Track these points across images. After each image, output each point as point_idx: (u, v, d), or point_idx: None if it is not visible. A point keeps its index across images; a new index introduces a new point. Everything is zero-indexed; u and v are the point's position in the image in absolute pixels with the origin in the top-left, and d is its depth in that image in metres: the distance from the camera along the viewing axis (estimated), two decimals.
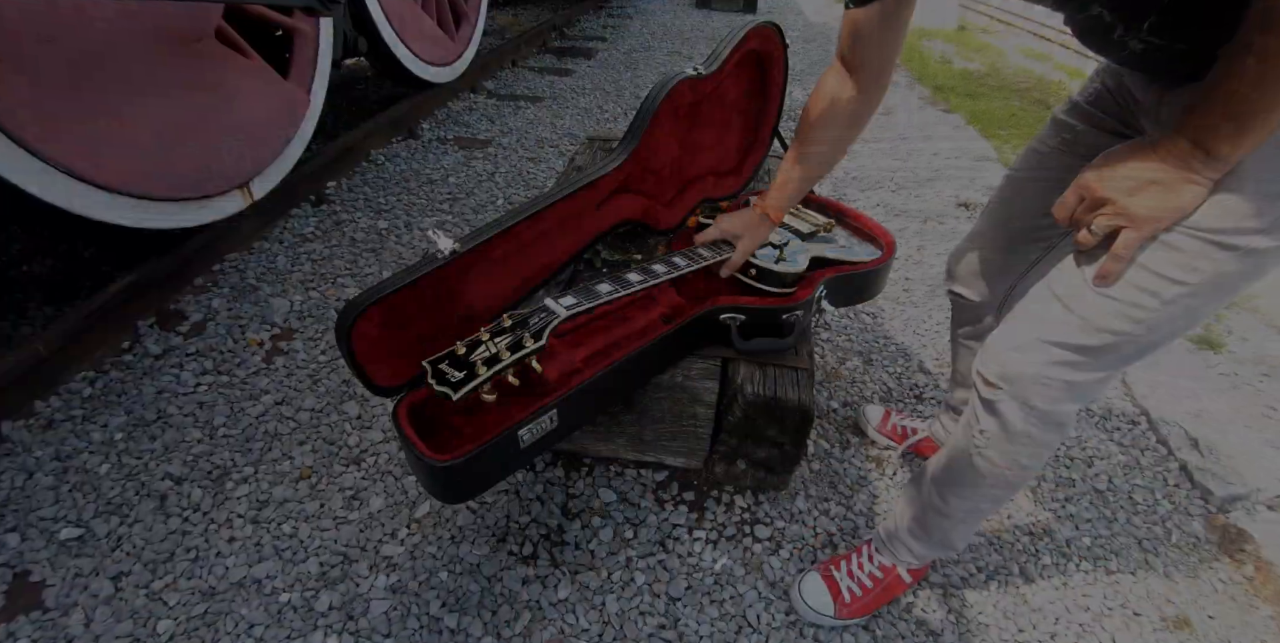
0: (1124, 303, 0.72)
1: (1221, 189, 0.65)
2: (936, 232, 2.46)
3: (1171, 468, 1.61)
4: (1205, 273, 0.67)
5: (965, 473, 0.93)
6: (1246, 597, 1.31)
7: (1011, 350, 0.81)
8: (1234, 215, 0.64)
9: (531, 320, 0.80)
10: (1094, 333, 0.74)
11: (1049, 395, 0.80)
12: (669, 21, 5.77)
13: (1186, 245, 0.67)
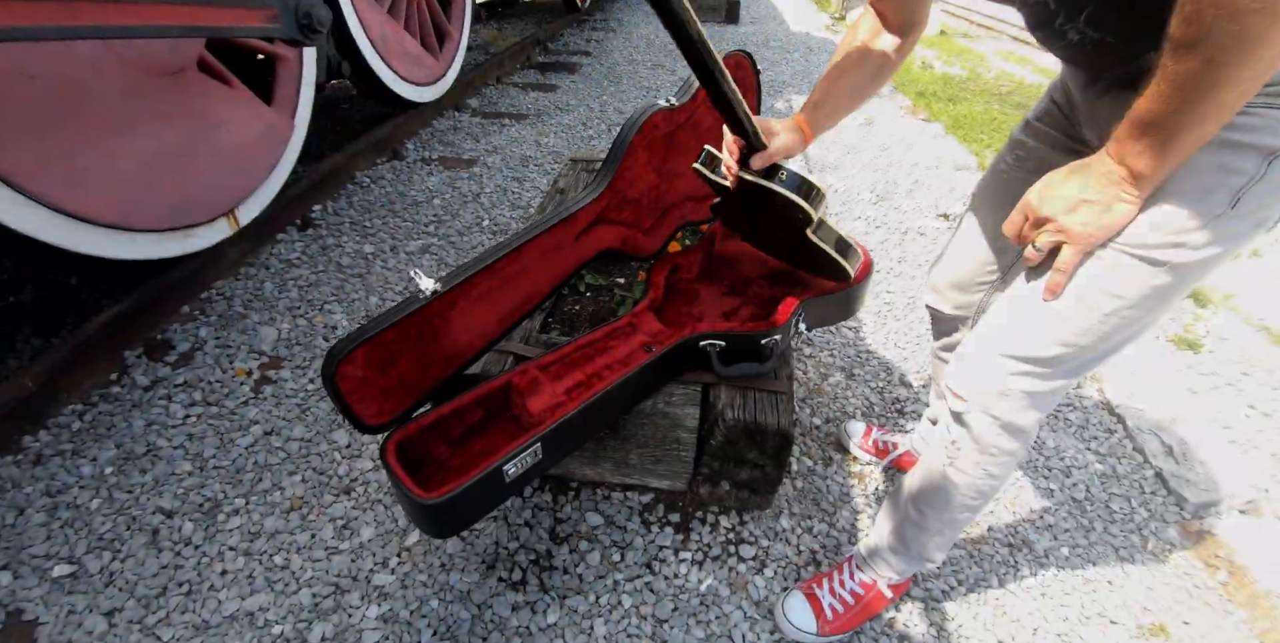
0: (1070, 317, 0.77)
1: (1150, 207, 0.69)
2: (917, 243, 2.50)
3: (1147, 476, 1.65)
4: (1140, 287, 0.72)
5: (940, 484, 0.97)
6: (1221, 602, 1.34)
7: (974, 364, 0.86)
8: (1161, 232, 0.69)
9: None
10: (1047, 345, 0.79)
11: (1011, 406, 0.84)
12: (651, 34, 5.82)
13: (1121, 262, 0.72)
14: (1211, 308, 3.25)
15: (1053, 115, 0.95)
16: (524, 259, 0.97)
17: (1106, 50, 0.72)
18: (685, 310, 1.24)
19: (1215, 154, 0.65)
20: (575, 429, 0.96)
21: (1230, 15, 0.51)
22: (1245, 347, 2.88)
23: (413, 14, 3.03)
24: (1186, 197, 0.67)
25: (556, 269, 1.06)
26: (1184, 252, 0.69)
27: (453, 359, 0.96)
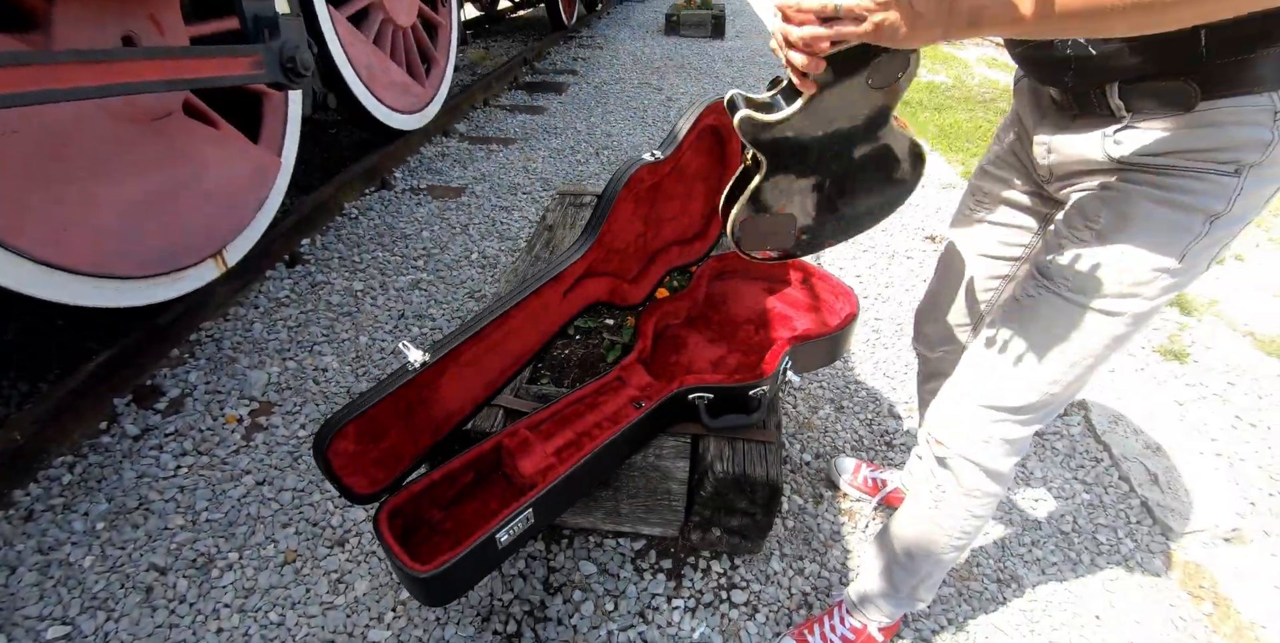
0: (1043, 369, 0.82)
1: (1109, 264, 0.75)
2: (904, 267, 2.52)
3: (1133, 505, 1.67)
4: (1103, 336, 0.79)
5: (926, 528, 1.00)
6: (1206, 633, 1.37)
7: (955, 414, 0.90)
8: (1120, 285, 0.76)
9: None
10: (1024, 395, 0.85)
11: (993, 453, 0.89)
12: (638, 50, 5.86)
13: (1085, 317, 0.79)
14: (1196, 316, 3.29)
15: (1005, 160, 0.98)
16: (512, 322, 0.99)
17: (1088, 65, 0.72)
18: (673, 360, 1.25)
19: (1169, 215, 0.72)
20: (566, 492, 0.97)
21: None
22: (1231, 355, 2.92)
23: (398, 42, 3.04)
24: (1142, 254, 0.74)
25: (544, 327, 1.08)
26: (1139, 302, 0.76)
27: (442, 426, 0.97)
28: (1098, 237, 0.76)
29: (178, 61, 1.42)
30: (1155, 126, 0.70)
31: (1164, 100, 0.69)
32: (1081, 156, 0.78)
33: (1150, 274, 0.74)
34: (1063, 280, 0.79)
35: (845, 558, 1.42)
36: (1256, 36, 0.63)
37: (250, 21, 1.61)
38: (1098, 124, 0.75)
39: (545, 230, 1.82)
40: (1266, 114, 0.66)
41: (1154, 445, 1.97)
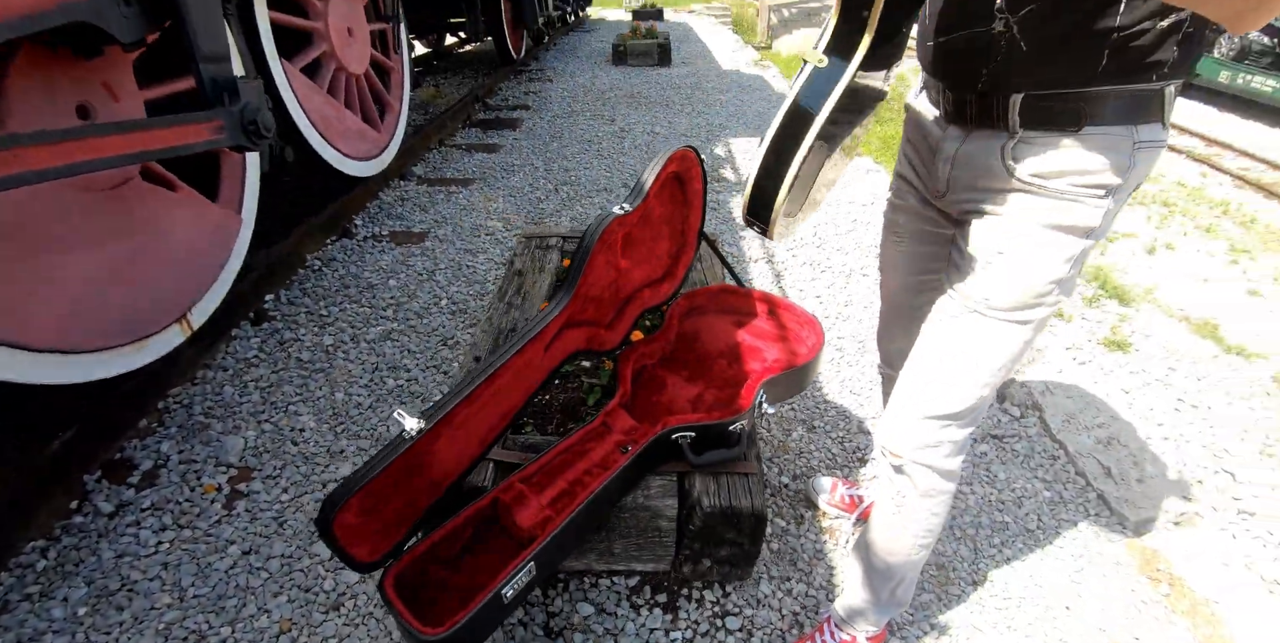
0: (972, 377, 0.95)
1: (1015, 281, 0.87)
2: (861, 285, 2.63)
3: (1091, 498, 1.77)
4: (1016, 342, 0.92)
5: (895, 532, 1.09)
6: (1166, 614, 1.46)
7: (902, 426, 1.01)
8: (1027, 297, 0.88)
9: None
10: (959, 401, 0.96)
11: (942, 454, 1.01)
12: (588, 81, 5.98)
13: (999, 328, 0.91)
14: (1134, 306, 3.50)
15: (907, 190, 1.08)
16: (499, 382, 1.02)
17: (1011, 58, 0.80)
18: (654, 401, 1.30)
19: (1059, 236, 0.85)
20: (565, 543, 1.00)
21: None
22: (1169, 340, 3.12)
23: (352, 89, 3.07)
24: (1041, 270, 0.86)
25: (529, 382, 1.11)
26: (1042, 309, 0.90)
27: (439, 486, 0.99)
28: (1004, 260, 0.88)
29: (141, 133, 1.43)
30: (1045, 144, 0.81)
31: (1056, 120, 0.79)
32: (982, 169, 0.87)
33: (1048, 286, 0.87)
34: (981, 300, 0.91)
35: (830, 575, 1.47)
36: (1149, 69, 0.75)
37: (209, 86, 1.63)
38: (994, 137, 0.85)
39: (515, 276, 1.86)
40: (1129, 142, 0.79)
41: (1105, 439, 2.09)
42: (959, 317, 0.94)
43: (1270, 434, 2.51)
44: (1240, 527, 1.90)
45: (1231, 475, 2.15)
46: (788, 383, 1.40)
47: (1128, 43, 0.74)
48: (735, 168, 3.78)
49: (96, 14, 1.42)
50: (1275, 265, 4.83)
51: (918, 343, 1.03)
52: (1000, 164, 0.85)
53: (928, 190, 1.01)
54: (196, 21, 1.57)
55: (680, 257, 1.55)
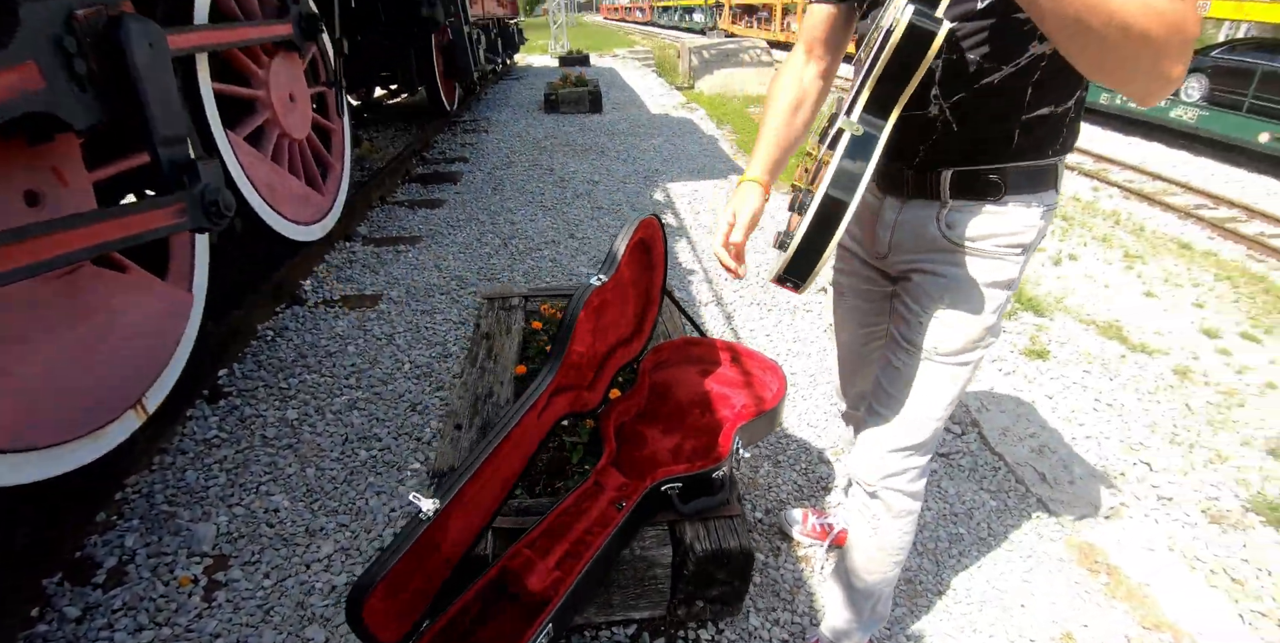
0: (926, 413, 1.08)
1: (958, 331, 1.02)
2: (806, 320, 2.80)
3: (1031, 503, 1.95)
4: (960, 381, 1.07)
5: (872, 552, 1.21)
6: (1106, 600, 1.63)
7: (871, 461, 1.14)
8: (968, 343, 1.03)
9: None
10: (919, 434, 1.10)
11: (909, 479, 1.14)
12: (523, 131, 6.12)
13: (949, 370, 1.05)
14: (1049, 316, 3.83)
15: (848, 255, 1.22)
16: (500, 454, 1.07)
17: (944, 137, 0.94)
18: (638, 456, 1.37)
19: (989, 290, 1.00)
20: (579, 601, 1.05)
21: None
22: (1082, 345, 3.44)
23: (295, 154, 3.07)
24: (976, 320, 1.01)
25: (526, 450, 1.17)
26: (979, 350, 1.05)
27: (451, 561, 1.02)
28: (946, 315, 1.02)
29: (105, 224, 1.42)
30: (973, 212, 0.96)
31: (981, 191, 0.95)
32: (920, 234, 1.02)
33: (982, 331, 1.03)
34: (931, 349, 1.05)
35: (811, 601, 1.56)
36: (1048, 146, 0.93)
37: (168, 169, 1.63)
38: (928, 206, 0.99)
39: (483, 338, 1.91)
40: (1038, 207, 0.96)
41: (1037, 447, 2.30)
42: (912, 364, 1.07)
43: (1176, 423, 2.81)
44: (1161, 512, 2.13)
45: (1148, 466, 2.40)
46: (759, 427, 1.50)
47: (1033, 127, 0.91)
48: (676, 213, 3.95)
49: (54, 103, 1.42)
50: (1165, 268, 5.38)
51: (875, 387, 1.16)
52: (936, 229, 0.99)
53: (869, 253, 1.15)
54: (155, 104, 1.59)
55: (646, 314, 1.65)
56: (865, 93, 0.80)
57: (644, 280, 1.57)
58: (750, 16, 27.73)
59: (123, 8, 1.58)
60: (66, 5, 1.43)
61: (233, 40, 2.39)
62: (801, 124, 1.10)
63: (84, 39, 1.47)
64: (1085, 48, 0.70)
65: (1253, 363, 3.90)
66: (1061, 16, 0.67)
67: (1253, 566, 1.97)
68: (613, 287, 1.37)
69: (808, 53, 1.10)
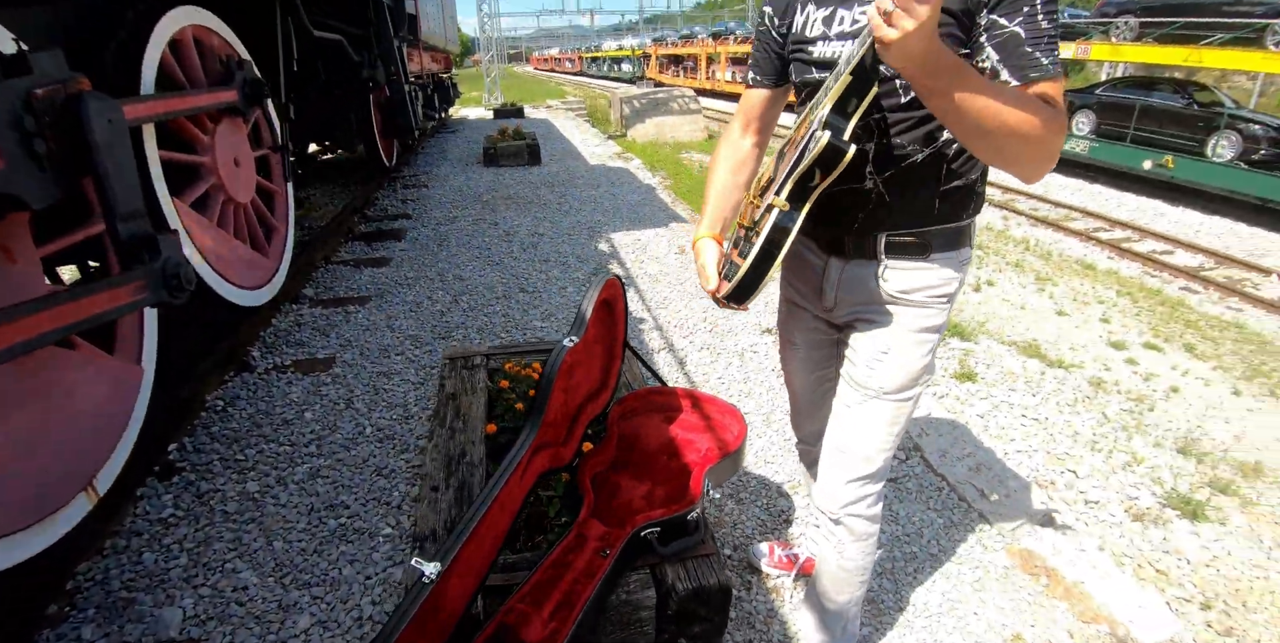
0: (877, 446, 1.21)
1: (899, 373, 1.15)
2: (753, 361, 2.94)
3: (974, 517, 2.11)
4: (903, 414, 1.20)
5: (840, 576, 1.33)
6: (1048, 600, 1.79)
7: (832, 493, 1.26)
8: (909, 381, 1.17)
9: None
10: (871, 464, 1.23)
11: (866, 505, 1.26)
12: (463, 185, 6.21)
13: (892, 407, 1.19)
14: (974, 340, 4.13)
15: (797, 310, 1.36)
16: (491, 514, 1.12)
17: (878, 207, 1.09)
18: (616, 505, 1.44)
19: (924, 335, 1.15)
20: None
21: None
22: (1006, 365, 3.72)
23: (240, 218, 3.05)
24: (914, 362, 1.16)
25: (513, 509, 1.22)
26: (918, 387, 1.19)
27: (451, 621, 1.05)
28: (889, 358, 1.16)
29: (67, 306, 1.42)
30: (905, 268, 1.12)
31: (911, 251, 1.11)
32: (862, 289, 1.17)
33: (920, 370, 1.17)
34: (877, 388, 1.18)
35: (784, 629, 1.64)
36: (962, 211, 1.10)
37: (128, 245, 1.63)
38: (867, 265, 1.14)
39: (449, 399, 1.94)
40: (960, 262, 1.13)
41: (975, 466, 2.48)
42: (862, 403, 1.21)
43: (1096, 431, 3.07)
44: (1089, 515, 2.33)
45: (1074, 473, 2.62)
46: (725, 468, 1.59)
47: (950, 196, 1.08)
48: (621, 263, 4.09)
49: (13, 183, 1.42)
50: (1073, 288, 5.88)
51: (831, 425, 1.29)
52: (875, 284, 1.15)
53: (817, 308, 1.29)
54: (114, 180, 1.59)
55: (611, 368, 1.74)
56: (790, 183, 0.99)
57: (608, 336, 1.67)
58: (676, 66, 29.11)
59: (80, 84, 1.59)
60: (26, 84, 1.44)
61: (180, 109, 2.41)
62: (742, 185, 1.30)
63: (43, 118, 1.47)
64: (983, 146, 0.88)
65: (1157, 370, 4.31)
66: (964, 124, 0.85)
67: (1173, 556, 2.18)
68: (581, 346, 1.46)
69: (744, 128, 1.31)
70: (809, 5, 1.09)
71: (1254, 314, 5.70)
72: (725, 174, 1.28)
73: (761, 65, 1.23)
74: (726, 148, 1.31)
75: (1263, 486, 2.91)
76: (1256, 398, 4.08)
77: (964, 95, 0.81)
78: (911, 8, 0.73)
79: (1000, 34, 0.90)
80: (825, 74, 1.05)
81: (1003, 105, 0.82)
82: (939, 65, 0.80)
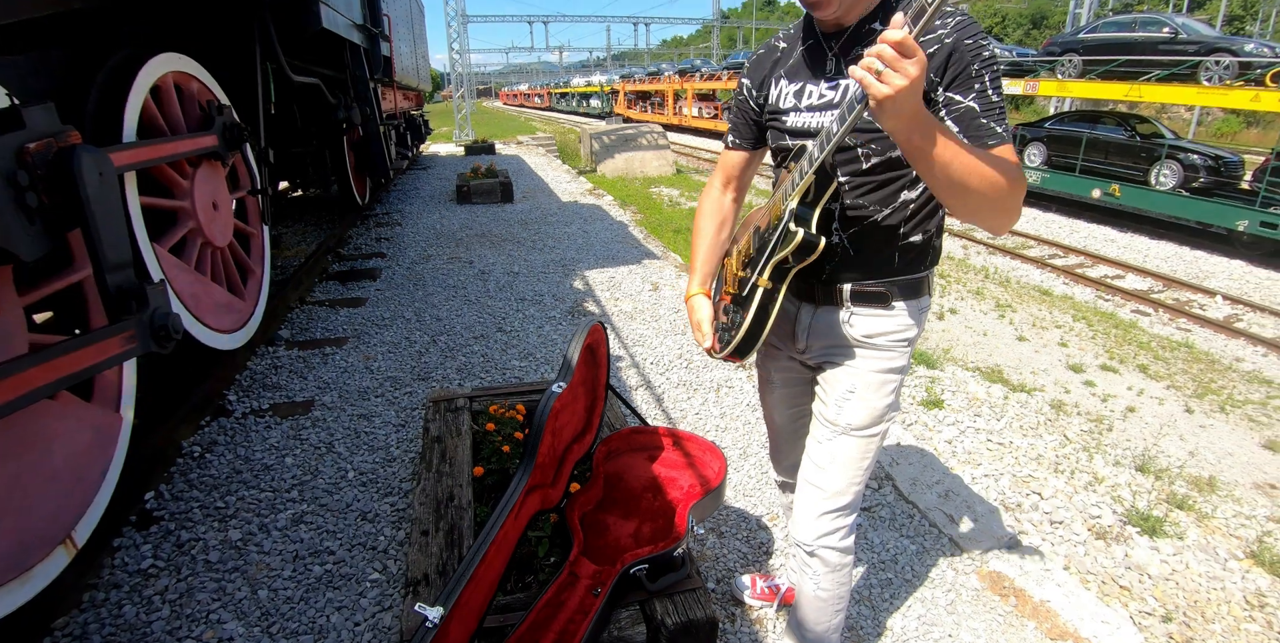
0: (848, 480, 1.28)
1: (866, 412, 1.24)
2: (730, 397, 3.01)
3: (944, 542, 2.19)
4: (872, 449, 1.28)
5: (818, 605, 1.39)
6: (1018, 619, 1.87)
7: (807, 525, 1.33)
8: (874, 419, 1.26)
9: None
10: (844, 496, 1.30)
11: (839, 537, 1.32)
12: (436, 223, 6.26)
13: (861, 443, 1.27)
14: (939, 367, 4.27)
15: (775, 353, 1.45)
16: (489, 556, 1.16)
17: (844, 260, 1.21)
18: (604, 543, 1.48)
19: (887, 376, 1.24)
20: None
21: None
22: (971, 391, 3.86)
23: (217, 261, 3.06)
24: (880, 401, 1.25)
25: (507, 550, 1.26)
26: (884, 423, 1.28)
27: None
28: (856, 397, 1.26)
29: (60, 360, 1.43)
30: (870, 315, 1.23)
31: (874, 300, 1.22)
32: (831, 333, 1.27)
33: (885, 408, 1.26)
34: (846, 425, 1.27)
35: None
36: (920, 264, 1.21)
37: (116, 296, 1.65)
38: (835, 311, 1.25)
39: (434, 442, 1.98)
40: (919, 310, 1.23)
41: (944, 492, 2.58)
42: (832, 439, 1.30)
43: (1057, 452, 3.21)
44: (1055, 535, 2.43)
45: (1039, 495, 2.74)
46: (708, 504, 1.65)
47: (909, 250, 1.20)
48: (597, 301, 4.17)
49: (4, 237, 1.44)
50: (1031, 313, 6.13)
51: (805, 461, 1.37)
52: (842, 329, 1.25)
53: (791, 350, 1.38)
54: (104, 232, 1.61)
55: (594, 409, 1.80)
56: (769, 268, 1.14)
57: (591, 379, 1.73)
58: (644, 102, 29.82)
59: (70, 138, 1.62)
60: (19, 139, 1.47)
61: (161, 156, 2.44)
62: (725, 239, 1.44)
63: (35, 172, 1.50)
64: (960, 200, 0.99)
65: (1114, 391, 4.51)
66: (947, 180, 0.95)
67: (1135, 572, 2.29)
68: (567, 390, 1.52)
69: (724, 185, 1.45)
70: (782, 80, 1.22)
71: (1201, 334, 6.01)
72: (711, 231, 1.43)
73: (740, 130, 1.37)
74: (710, 204, 1.44)
75: (1216, 499, 3.06)
76: (1207, 415, 4.30)
77: (947, 154, 0.91)
78: (901, 66, 0.81)
79: (957, 108, 1.03)
80: (797, 141, 1.19)
81: (980, 162, 0.93)
82: (926, 124, 0.89)
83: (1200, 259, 8.59)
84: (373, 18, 5.34)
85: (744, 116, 1.34)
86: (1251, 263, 8.36)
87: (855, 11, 1.09)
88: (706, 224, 1.43)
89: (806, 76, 1.18)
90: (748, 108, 1.32)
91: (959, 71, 1.02)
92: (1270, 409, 4.44)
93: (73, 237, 1.90)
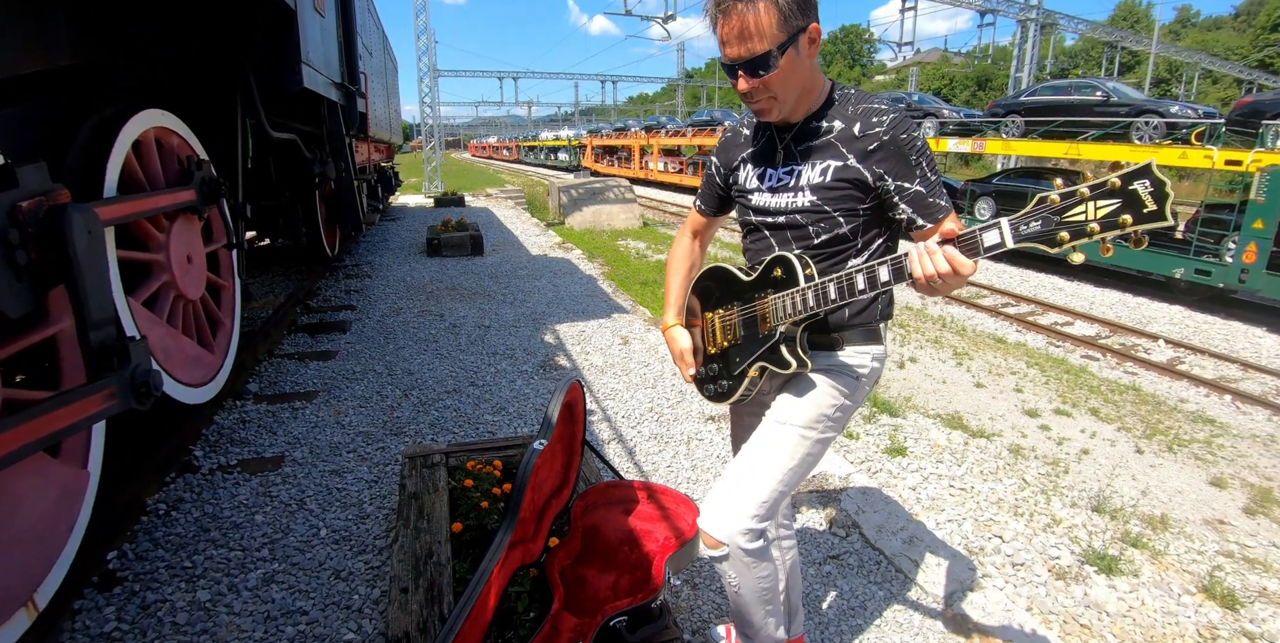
0: (779, 477, 1.30)
1: (818, 411, 1.31)
2: (700, 450, 3.07)
3: (911, 588, 2.25)
4: (812, 449, 1.33)
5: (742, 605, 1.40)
6: None
7: (723, 516, 1.30)
8: (825, 419, 1.32)
9: None
10: (755, 491, 1.30)
11: (749, 538, 1.30)
12: (406, 275, 6.30)
13: (804, 442, 1.31)
14: (901, 415, 4.41)
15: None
16: (474, 612, 1.19)
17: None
18: (584, 596, 1.52)
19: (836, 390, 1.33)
20: None
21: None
22: (933, 438, 3.99)
23: (188, 314, 3.05)
24: (821, 400, 1.32)
25: (492, 605, 1.29)
26: (817, 429, 1.32)
27: None
28: (800, 399, 1.32)
29: (42, 419, 1.44)
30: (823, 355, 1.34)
31: (825, 346, 1.34)
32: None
33: (825, 418, 1.32)
34: (783, 415, 1.32)
35: None
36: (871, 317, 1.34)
37: (98, 353, 1.66)
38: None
39: (411, 498, 1.99)
40: (869, 355, 1.35)
41: (909, 539, 2.67)
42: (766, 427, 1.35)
43: (1016, 495, 3.33)
44: (1016, 577, 2.52)
45: (1000, 538, 2.84)
46: (683, 556, 1.70)
47: (858, 305, 1.32)
48: (568, 355, 4.23)
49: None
50: (988, 361, 6.38)
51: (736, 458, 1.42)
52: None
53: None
54: (89, 288, 1.64)
55: (571, 464, 1.85)
56: (753, 369, 1.31)
57: (568, 435, 1.79)
58: (612, 156, 30.70)
59: (60, 196, 1.66)
60: (12, 198, 1.50)
61: (141, 210, 2.47)
62: (694, 276, 1.60)
63: (26, 230, 1.53)
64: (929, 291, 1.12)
65: (1068, 434, 4.70)
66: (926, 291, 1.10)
67: (1094, 610, 2.37)
68: (548, 448, 1.59)
69: (693, 236, 1.65)
70: (748, 164, 1.40)
71: (1148, 377, 6.33)
72: (683, 271, 1.62)
73: (707, 199, 1.56)
74: (680, 250, 1.64)
75: (1169, 536, 3.20)
76: (1157, 455, 4.50)
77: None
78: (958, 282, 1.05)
79: (908, 193, 1.22)
80: (761, 218, 1.37)
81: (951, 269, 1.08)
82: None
83: (1143, 305, 9.11)
84: (350, 76, 5.52)
85: (711, 188, 1.53)
86: (1190, 308, 8.90)
87: (799, 111, 1.28)
88: (679, 265, 1.61)
89: (766, 162, 1.36)
90: (715, 183, 1.50)
91: (900, 162, 1.20)
92: (1214, 447, 4.68)
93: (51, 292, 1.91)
